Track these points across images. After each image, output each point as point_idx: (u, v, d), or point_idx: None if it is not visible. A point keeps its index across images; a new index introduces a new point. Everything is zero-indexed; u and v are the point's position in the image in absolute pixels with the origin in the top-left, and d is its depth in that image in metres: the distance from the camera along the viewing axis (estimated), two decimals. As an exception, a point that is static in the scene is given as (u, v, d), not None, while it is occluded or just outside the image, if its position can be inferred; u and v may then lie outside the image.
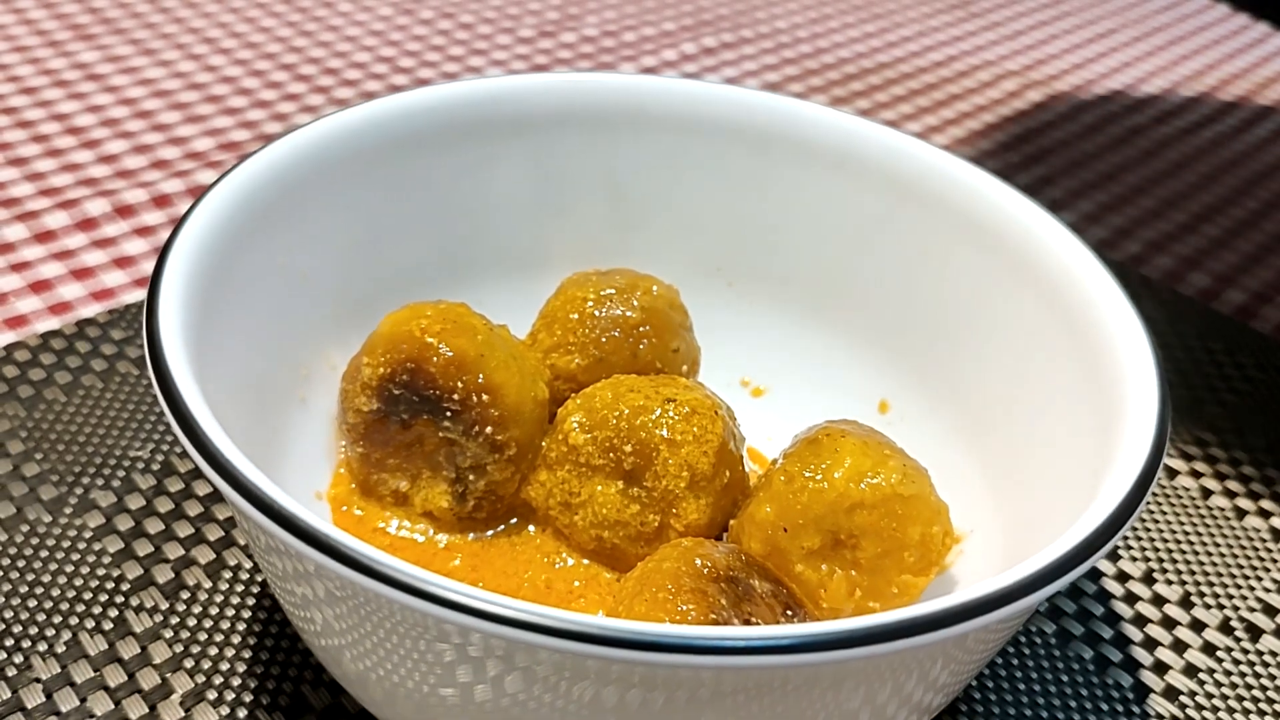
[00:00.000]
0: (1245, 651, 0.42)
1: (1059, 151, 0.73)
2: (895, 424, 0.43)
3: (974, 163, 0.43)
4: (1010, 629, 0.34)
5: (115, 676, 0.37)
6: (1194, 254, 0.64)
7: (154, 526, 0.42)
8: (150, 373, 0.31)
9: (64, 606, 0.39)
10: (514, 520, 0.41)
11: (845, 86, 0.78)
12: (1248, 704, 0.40)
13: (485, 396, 0.38)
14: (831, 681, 0.29)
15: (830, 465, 0.36)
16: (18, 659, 0.37)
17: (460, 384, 0.38)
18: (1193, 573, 0.45)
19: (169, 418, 0.30)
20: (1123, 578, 0.44)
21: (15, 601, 0.39)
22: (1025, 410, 0.39)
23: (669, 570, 0.33)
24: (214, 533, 0.42)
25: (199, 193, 0.60)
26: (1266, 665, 0.42)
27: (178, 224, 0.36)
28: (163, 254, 0.35)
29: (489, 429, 0.38)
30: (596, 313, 0.43)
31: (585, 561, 0.39)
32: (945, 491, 0.37)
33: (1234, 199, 0.70)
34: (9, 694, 0.36)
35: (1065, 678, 0.40)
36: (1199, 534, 0.46)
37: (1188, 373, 0.55)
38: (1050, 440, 0.38)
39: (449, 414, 0.38)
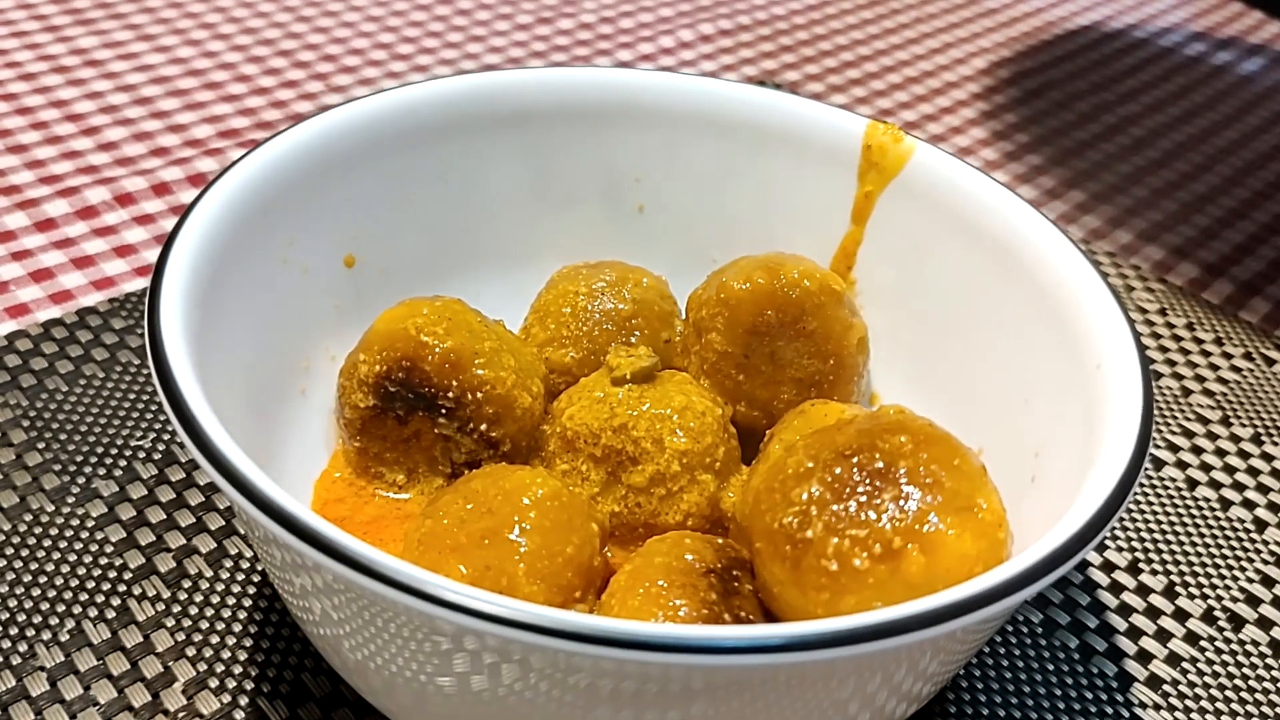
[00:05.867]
0: (1228, 641, 0.43)
1: (1052, 141, 0.73)
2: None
3: (966, 152, 0.43)
4: (996, 625, 0.34)
5: (118, 665, 0.38)
6: (1184, 244, 0.65)
7: (156, 515, 0.43)
8: (151, 369, 0.32)
9: (67, 595, 0.40)
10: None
11: (841, 74, 0.78)
12: (1229, 693, 0.41)
13: (480, 394, 0.39)
14: (822, 674, 0.29)
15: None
16: (22, 647, 0.38)
17: (455, 382, 0.38)
18: (1177, 563, 0.46)
19: (169, 414, 0.30)
20: (1108, 567, 0.45)
21: (19, 590, 0.40)
22: (1012, 406, 0.40)
23: (660, 565, 0.34)
24: (215, 522, 0.43)
25: (199, 181, 0.60)
26: (1249, 655, 0.42)
27: (181, 217, 0.36)
28: (165, 249, 0.35)
29: (484, 425, 0.39)
30: (589, 306, 0.43)
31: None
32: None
33: (1224, 189, 0.70)
34: (14, 682, 0.37)
35: (1051, 666, 0.41)
36: (1184, 524, 0.47)
37: (1176, 363, 0.55)
38: (1037, 436, 0.38)
39: (444, 411, 0.39)
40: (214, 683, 0.38)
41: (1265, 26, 0.91)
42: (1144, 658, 0.42)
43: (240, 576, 0.41)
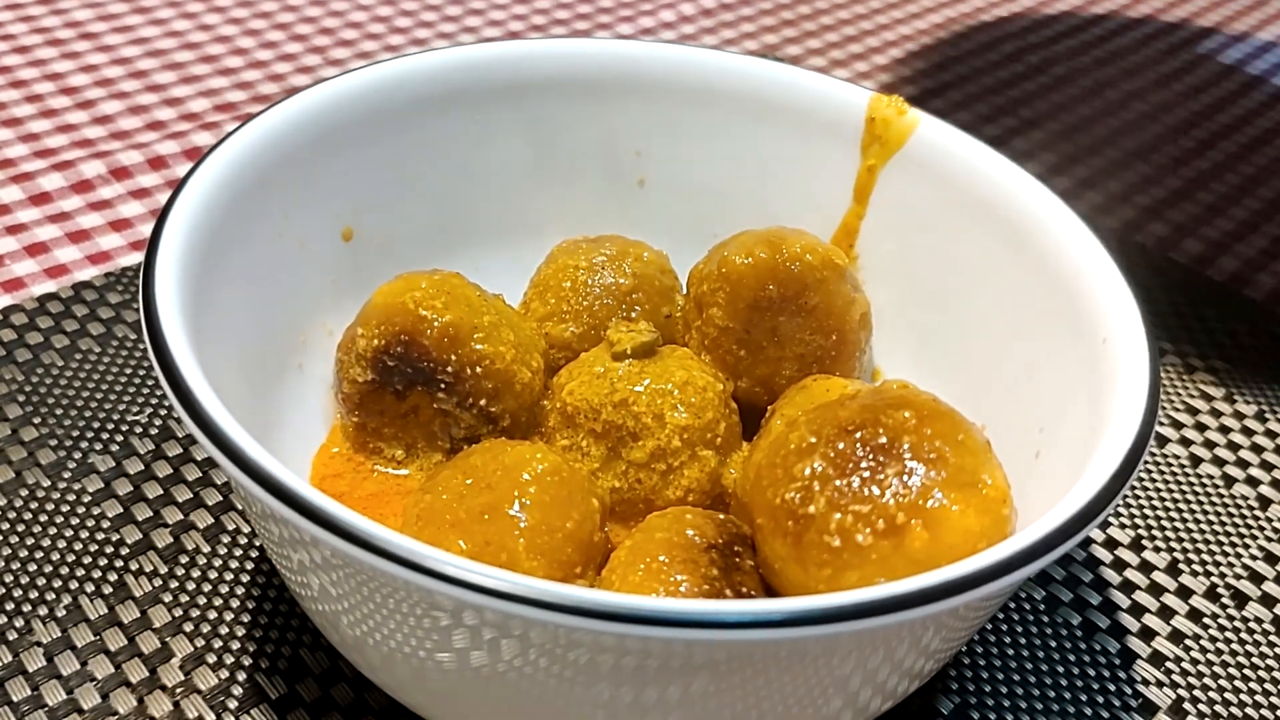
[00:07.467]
0: (1231, 619, 0.43)
1: (1057, 118, 0.73)
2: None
3: (969, 128, 0.43)
4: (999, 601, 0.34)
5: (115, 640, 0.38)
6: (1188, 220, 0.64)
7: (152, 491, 0.42)
8: (146, 341, 0.31)
9: (64, 571, 0.39)
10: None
11: (843, 49, 0.78)
12: (1232, 670, 0.41)
13: (479, 369, 0.38)
14: (824, 650, 0.29)
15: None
16: (19, 623, 0.38)
17: (454, 357, 0.38)
18: (1180, 540, 0.45)
19: (166, 389, 0.30)
20: (1111, 544, 0.45)
21: (15, 566, 0.39)
22: (1017, 381, 0.40)
23: (661, 541, 0.34)
24: (212, 497, 0.43)
25: (195, 155, 0.60)
26: (1251, 632, 0.42)
27: (175, 191, 0.36)
28: (159, 221, 0.35)
29: (483, 401, 0.39)
30: (589, 281, 0.43)
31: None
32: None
33: (1229, 165, 0.70)
34: (10, 657, 0.37)
35: (1053, 643, 0.41)
36: (1188, 502, 0.47)
37: (1180, 340, 0.55)
38: (1042, 411, 0.38)
39: (443, 386, 0.39)
40: (211, 658, 0.38)
41: (1270, 3, 0.90)
42: (1147, 635, 0.42)
43: (238, 552, 0.41)
